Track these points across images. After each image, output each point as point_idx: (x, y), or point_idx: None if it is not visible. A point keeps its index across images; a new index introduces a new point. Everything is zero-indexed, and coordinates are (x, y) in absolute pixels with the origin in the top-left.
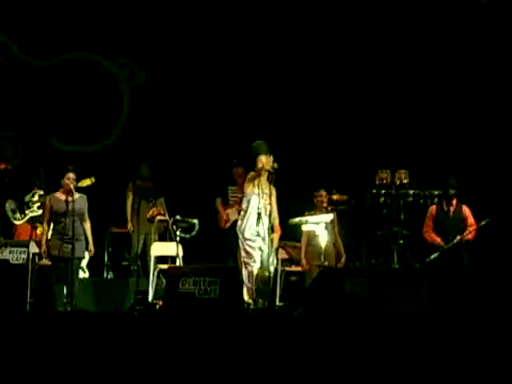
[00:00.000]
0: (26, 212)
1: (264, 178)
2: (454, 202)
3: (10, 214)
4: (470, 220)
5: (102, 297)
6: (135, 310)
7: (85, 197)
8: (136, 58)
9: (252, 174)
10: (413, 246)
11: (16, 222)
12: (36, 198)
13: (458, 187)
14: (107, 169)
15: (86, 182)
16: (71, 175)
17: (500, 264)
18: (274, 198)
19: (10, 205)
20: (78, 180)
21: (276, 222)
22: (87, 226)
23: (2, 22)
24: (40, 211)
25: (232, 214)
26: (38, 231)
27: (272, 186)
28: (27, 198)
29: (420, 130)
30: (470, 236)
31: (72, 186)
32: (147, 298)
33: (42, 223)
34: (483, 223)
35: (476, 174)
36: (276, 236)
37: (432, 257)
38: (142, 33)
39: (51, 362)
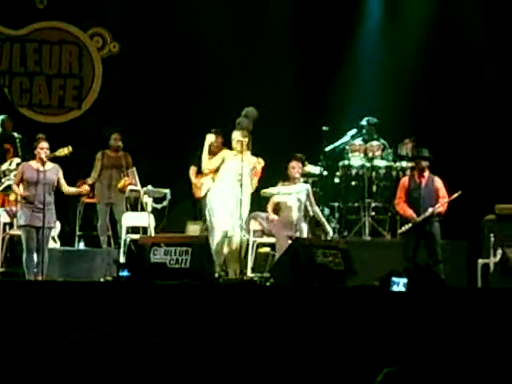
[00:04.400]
0: (3, 180)
1: (237, 151)
2: (427, 173)
3: None
4: (442, 192)
5: (73, 267)
6: (119, 280)
7: (57, 167)
8: (108, 28)
9: (224, 150)
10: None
11: None
12: (13, 166)
13: (431, 159)
14: (79, 139)
15: (64, 152)
16: (44, 144)
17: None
18: (256, 171)
19: None
20: (54, 149)
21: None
22: (68, 190)
23: None
24: None
25: (206, 182)
26: (11, 198)
27: (258, 159)
28: (4, 167)
29: (396, 99)
30: (441, 209)
31: (44, 155)
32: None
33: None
34: (455, 195)
35: (450, 145)
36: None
37: (404, 228)
38: (115, 2)
39: (21, 332)
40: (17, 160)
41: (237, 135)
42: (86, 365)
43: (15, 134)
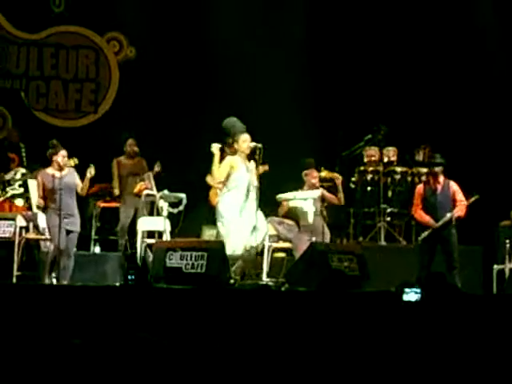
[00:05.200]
0: (7, 190)
1: (245, 156)
2: (441, 179)
3: None
4: (459, 196)
5: (88, 271)
6: (128, 284)
7: (72, 170)
8: (125, 33)
9: (230, 157)
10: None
11: None
12: (18, 176)
13: (443, 164)
14: (95, 143)
15: (70, 163)
16: (65, 152)
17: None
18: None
19: None
20: (70, 154)
21: None
22: (83, 188)
23: None
24: (21, 190)
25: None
26: (18, 203)
27: (264, 166)
28: (9, 176)
29: (407, 105)
30: (460, 213)
31: (63, 163)
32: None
33: (27, 200)
34: (473, 199)
35: (466, 151)
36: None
37: (423, 235)
38: (132, 7)
39: (35, 335)
40: (22, 170)
41: (246, 137)
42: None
43: (21, 144)
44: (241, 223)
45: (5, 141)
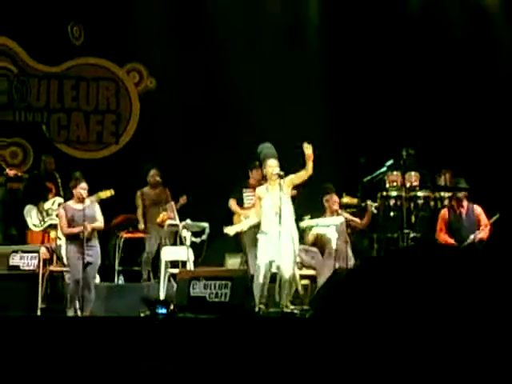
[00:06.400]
0: (46, 220)
1: (273, 183)
2: (465, 203)
3: (28, 220)
4: (483, 218)
5: (114, 302)
6: (158, 317)
7: (93, 203)
8: (145, 63)
9: (257, 189)
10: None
11: (35, 229)
12: (56, 206)
13: (467, 189)
14: (117, 174)
15: (106, 194)
16: (85, 185)
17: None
18: (308, 155)
19: (29, 211)
20: (92, 185)
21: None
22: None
23: (10, 28)
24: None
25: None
26: (52, 235)
27: (304, 145)
28: (47, 206)
29: (428, 130)
30: (483, 235)
31: (85, 195)
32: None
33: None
34: (494, 218)
35: (487, 172)
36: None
37: None
38: (151, 37)
39: (63, 368)
40: (59, 200)
41: (272, 163)
42: None
43: (56, 174)
44: (269, 250)
45: (41, 170)
